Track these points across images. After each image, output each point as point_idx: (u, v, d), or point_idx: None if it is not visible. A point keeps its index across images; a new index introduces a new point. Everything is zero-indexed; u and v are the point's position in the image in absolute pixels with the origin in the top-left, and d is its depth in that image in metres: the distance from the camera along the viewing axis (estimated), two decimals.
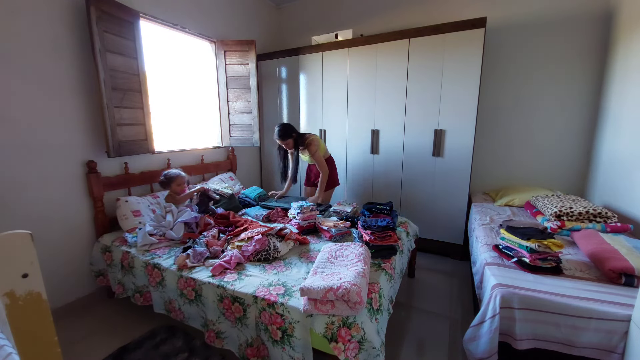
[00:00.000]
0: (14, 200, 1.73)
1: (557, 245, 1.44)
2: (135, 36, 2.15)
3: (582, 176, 2.68)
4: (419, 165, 2.78)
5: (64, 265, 1.97)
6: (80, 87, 1.99)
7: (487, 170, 3.02)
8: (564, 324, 1.21)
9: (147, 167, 2.45)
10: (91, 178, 2.03)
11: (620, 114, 2.20)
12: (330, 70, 3.06)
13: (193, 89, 2.98)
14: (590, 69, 2.53)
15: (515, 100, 2.81)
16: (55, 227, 1.92)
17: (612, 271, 1.35)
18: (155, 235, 1.94)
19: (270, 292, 1.39)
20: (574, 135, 2.66)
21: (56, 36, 1.85)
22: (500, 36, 2.73)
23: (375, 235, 1.76)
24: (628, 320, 1.14)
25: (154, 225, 2.00)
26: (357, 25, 3.31)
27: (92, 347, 1.69)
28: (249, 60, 3.06)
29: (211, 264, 1.65)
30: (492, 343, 1.28)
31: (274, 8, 3.82)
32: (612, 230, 1.80)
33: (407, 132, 2.78)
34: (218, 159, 3.20)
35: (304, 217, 2.14)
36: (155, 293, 1.74)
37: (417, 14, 3.04)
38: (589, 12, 2.46)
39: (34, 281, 0.66)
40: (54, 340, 0.70)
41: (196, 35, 2.83)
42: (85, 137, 2.04)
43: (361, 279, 1.30)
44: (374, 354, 1.20)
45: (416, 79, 2.65)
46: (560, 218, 1.93)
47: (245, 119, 3.16)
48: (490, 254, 1.66)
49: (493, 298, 1.31)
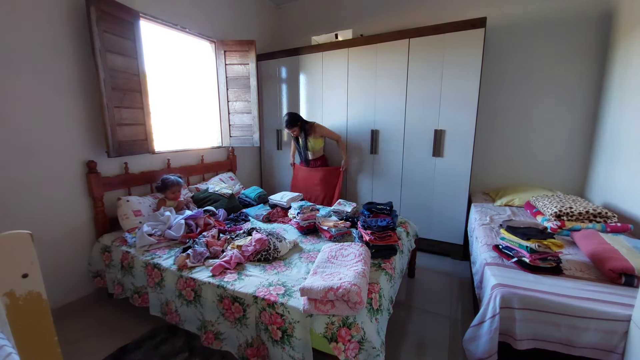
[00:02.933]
0: (14, 200, 1.73)
1: (557, 245, 1.44)
2: (135, 36, 2.15)
3: (582, 176, 2.68)
4: (419, 165, 2.78)
5: (64, 265, 1.97)
6: (80, 87, 1.99)
7: (487, 170, 3.02)
8: (564, 324, 1.21)
9: (147, 167, 2.45)
10: (91, 178, 2.03)
11: (621, 114, 2.20)
12: (330, 70, 3.05)
13: (193, 89, 2.98)
14: (590, 69, 2.52)
15: (515, 100, 2.81)
16: (55, 227, 1.92)
17: (612, 271, 1.35)
18: (154, 236, 1.94)
19: (270, 292, 1.39)
20: (574, 135, 2.66)
21: (56, 36, 1.85)
22: (500, 36, 2.73)
23: (375, 235, 1.76)
24: (628, 320, 1.14)
25: (152, 224, 2.00)
26: (357, 25, 3.31)
27: (92, 347, 1.69)
28: (249, 60, 3.06)
29: (211, 264, 1.65)
30: (492, 343, 1.28)
31: (274, 8, 3.82)
32: (612, 230, 1.80)
33: (407, 132, 2.78)
34: (218, 159, 3.20)
35: (304, 217, 2.14)
36: (152, 294, 1.73)
37: (417, 14, 3.04)
38: (589, 12, 2.46)
39: (34, 281, 0.66)
40: (54, 340, 0.71)
41: (196, 35, 2.83)
42: (85, 137, 2.04)
43: (361, 279, 1.30)
44: (374, 354, 1.20)
45: (416, 78, 2.65)
46: (560, 218, 1.93)
47: (245, 119, 3.16)
48: (490, 254, 1.66)
49: (493, 298, 1.31)
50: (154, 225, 2.00)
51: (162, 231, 1.97)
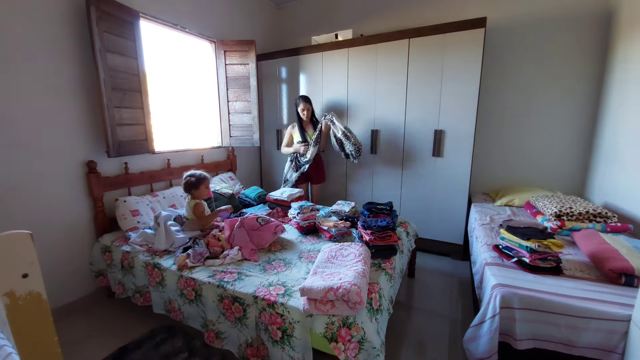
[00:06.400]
0: (13, 200, 1.73)
1: (557, 245, 1.43)
2: (135, 36, 2.15)
3: (582, 176, 2.68)
4: (419, 165, 2.78)
5: (64, 265, 1.97)
6: (80, 87, 1.99)
7: (487, 170, 3.02)
8: (564, 324, 1.21)
9: (147, 167, 2.45)
10: (91, 178, 2.03)
11: (621, 114, 2.20)
12: (330, 70, 3.05)
13: (193, 89, 2.98)
14: (590, 69, 2.52)
15: (515, 100, 2.81)
16: (56, 227, 1.92)
17: (612, 271, 1.35)
18: (143, 245, 1.89)
19: (270, 292, 1.39)
20: (574, 135, 2.65)
21: (56, 36, 1.85)
22: (500, 36, 2.73)
23: (375, 235, 1.76)
24: (628, 320, 1.14)
25: (139, 241, 1.90)
26: (357, 25, 3.31)
27: (92, 347, 1.69)
28: (249, 60, 3.06)
29: (211, 264, 1.65)
30: (492, 343, 1.28)
31: (274, 8, 3.82)
32: (612, 230, 1.80)
33: (407, 132, 2.78)
34: (218, 159, 3.20)
35: (304, 217, 2.14)
36: (154, 293, 1.74)
37: (417, 14, 3.04)
38: (589, 12, 2.46)
39: (34, 281, 0.66)
40: (54, 340, 0.71)
41: (196, 35, 2.83)
42: (85, 137, 2.04)
43: (361, 279, 1.30)
44: (374, 354, 1.20)
45: (416, 78, 2.65)
46: (560, 218, 1.93)
47: (245, 119, 3.16)
48: (490, 254, 1.65)
49: (493, 298, 1.31)
50: (140, 241, 1.91)
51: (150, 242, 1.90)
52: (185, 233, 1.94)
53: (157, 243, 1.85)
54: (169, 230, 1.89)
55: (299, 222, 2.13)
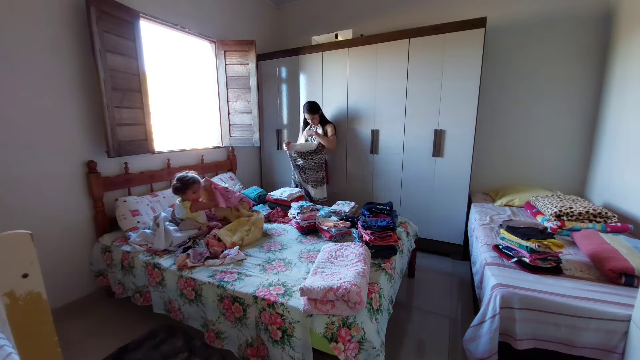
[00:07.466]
0: (14, 200, 1.73)
1: (557, 245, 1.44)
2: (135, 36, 2.15)
3: (582, 176, 2.68)
4: (419, 165, 2.78)
5: (64, 265, 1.97)
6: (80, 87, 1.99)
7: (486, 170, 3.02)
8: (564, 324, 1.21)
9: (147, 167, 2.45)
10: (91, 178, 2.03)
11: (621, 114, 2.20)
12: (330, 70, 3.05)
13: (193, 89, 2.98)
14: (590, 69, 2.52)
15: (515, 100, 2.81)
16: (56, 227, 1.92)
17: (612, 271, 1.35)
18: (143, 245, 1.90)
19: (270, 292, 1.39)
20: (574, 135, 2.65)
21: (56, 36, 1.85)
22: (500, 36, 2.73)
23: (375, 235, 1.76)
24: (628, 320, 1.14)
25: (139, 241, 1.91)
26: (357, 25, 3.31)
27: (92, 347, 1.69)
28: (249, 60, 3.06)
29: (211, 264, 1.65)
30: (492, 343, 1.28)
31: (274, 8, 3.82)
32: (612, 230, 1.80)
33: (407, 132, 2.78)
34: (218, 159, 3.20)
35: (304, 217, 2.14)
36: (154, 293, 1.74)
37: (417, 14, 3.04)
38: (589, 12, 2.46)
39: (34, 281, 0.66)
40: (54, 340, 0.70)
41: (196, 35, 2.83)
42: (85, 137, 2.04)
43: (361, 279, 1.30)
44: (374, 354, 1.20)
45: (416, 78, 2.65)
46: (560, 218, 1.93)
47: (245, 119, 3.16)
48: (490, 254, 1.66)
49: (493, 298, 1.31)
50: (140, 241, 1.92)
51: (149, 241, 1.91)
52: (182, 232, 1.95)
53: (156, 243, 1.85)
54: (168, 229, 1.90)
55: (299, 222, 2.13)
